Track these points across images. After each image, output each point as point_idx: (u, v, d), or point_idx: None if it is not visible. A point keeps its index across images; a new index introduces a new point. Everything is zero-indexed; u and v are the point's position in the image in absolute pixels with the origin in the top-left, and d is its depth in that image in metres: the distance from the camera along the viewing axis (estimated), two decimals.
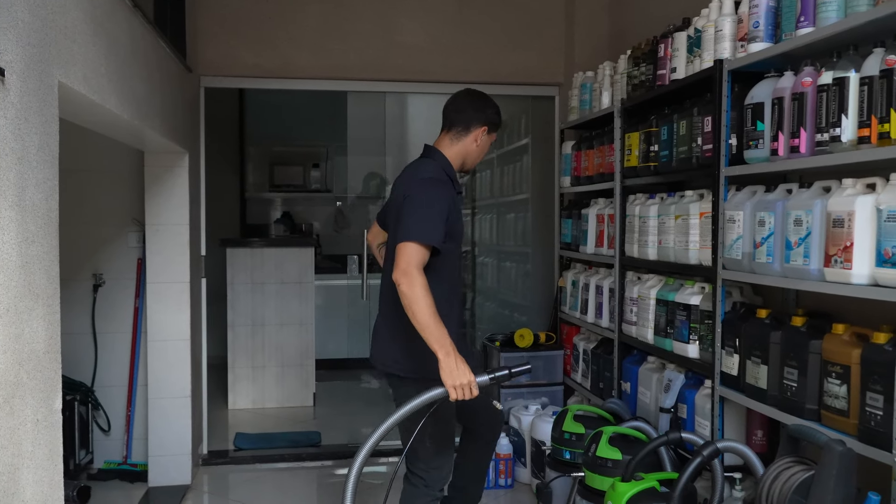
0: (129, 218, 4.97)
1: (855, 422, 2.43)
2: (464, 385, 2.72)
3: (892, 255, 2.25)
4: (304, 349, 6.73)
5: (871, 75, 2.36)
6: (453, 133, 3.20)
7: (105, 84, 2.82)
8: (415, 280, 2.75)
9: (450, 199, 2.99)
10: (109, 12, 2.91)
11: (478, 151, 3.21)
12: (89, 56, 2.63)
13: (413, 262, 2.79)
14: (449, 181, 3.09)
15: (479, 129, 3.18)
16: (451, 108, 3.25)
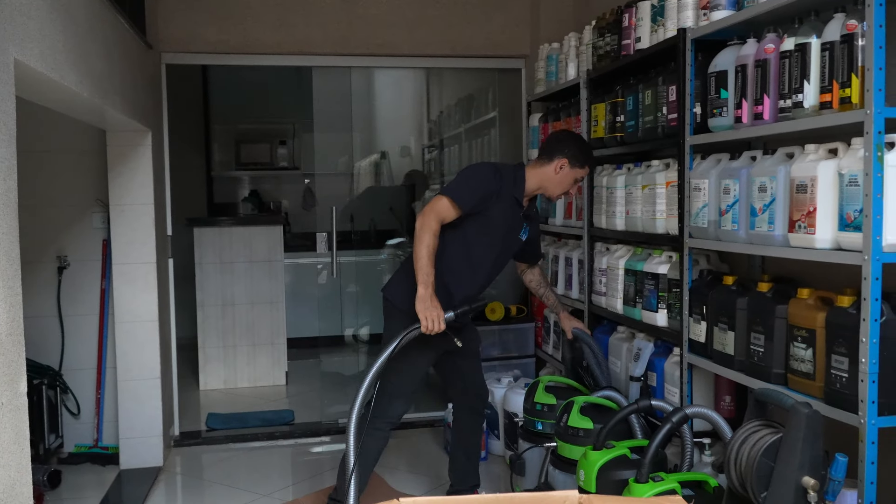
0: (92, 199, 4.90)
1: (821, 384, 2.46)
2: (433, 317, 3.19)
3: (854, 219, 2.28)
4: (275, 328, 6.71)
5: (832, 41, 2.37)
6: (541, 160, 3.57)
7: (63, 61, 2.76)
8: (427, 223, 3.27)
9: (492, 182, 3.41)
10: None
11: (558, 181, 3.52)
12: (46, 32, 2.57)
13: (434, 209, 3.30)
14: (506, 177, 3.48)
15: (560, 160, 3.49)
16: (545, 140, 3.75)
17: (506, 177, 3.48)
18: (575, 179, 3.54)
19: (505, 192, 3.45)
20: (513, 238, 3.58)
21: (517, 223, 3.56)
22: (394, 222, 8.05)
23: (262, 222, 6.97)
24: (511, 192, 3.47)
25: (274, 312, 6.70)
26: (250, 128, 8.68)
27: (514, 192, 3.48)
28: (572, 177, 3.52)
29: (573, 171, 3.51)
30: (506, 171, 3.52)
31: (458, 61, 5.67)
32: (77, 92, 2.96)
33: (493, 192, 3.42)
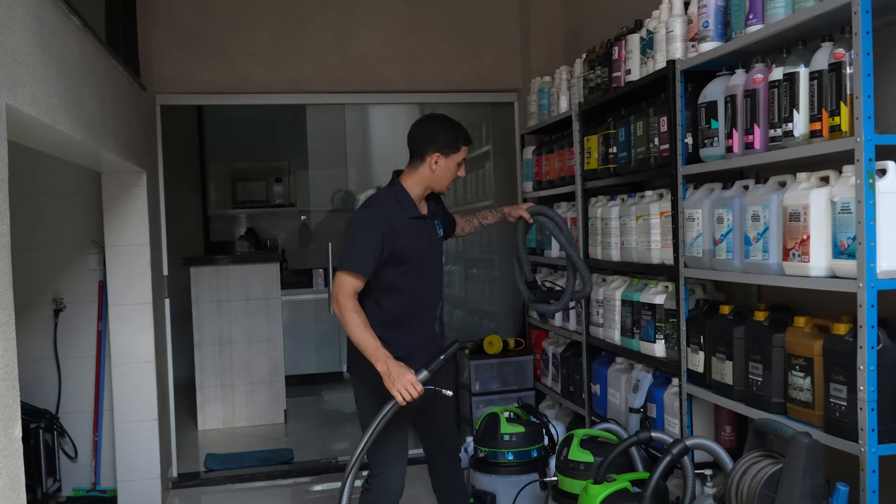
0: (88, 240, 4.90)
1: (820, 413, 2.45)
2: (406, 385, 2.99)
3: (847, 247, 2.28)
4: (273, 366, 6.68)
5: (820, 69, 2.39)
6: (413, 162, 3.34)
7: (55, 105, 2.77)
8: (342, 307, 3.09)
9: (380, 227, 3.16)
10: (58, 32, 2.87)
11: (441, 175, 3.30)
12: (38, 77, 2.59)
13: (341, 289, 3.11)
14: (389, 209, 3.25)
15: (432, 156, 3.27)
16: (408, 139, 3.39)
17: (390, 207, 3.25)
18: (457, 164, 3.31)
19: (398, 223, 3.22)
20: (433, 247, 3.40)
21: (429, 231, 3.37)
22: None
23: (259, 260, 6.98)
24: (403, 215, 3.25)
25: (272, 350, 6.67)
26: (246, 166, 8.72)
27: (408, 213, 3.26)
28: (452, 164, 3.29)
29: (450, 160, 3.28)
30: (386, 200, 3.29)
31: (451, 96, 5.71)
32: (70, 135, 2.97)
33: (387, 234, 3.17)
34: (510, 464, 3.78)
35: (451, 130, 3.31)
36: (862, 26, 2.20)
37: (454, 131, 3.31)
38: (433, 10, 5.49)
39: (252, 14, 5.24)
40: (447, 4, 5.50)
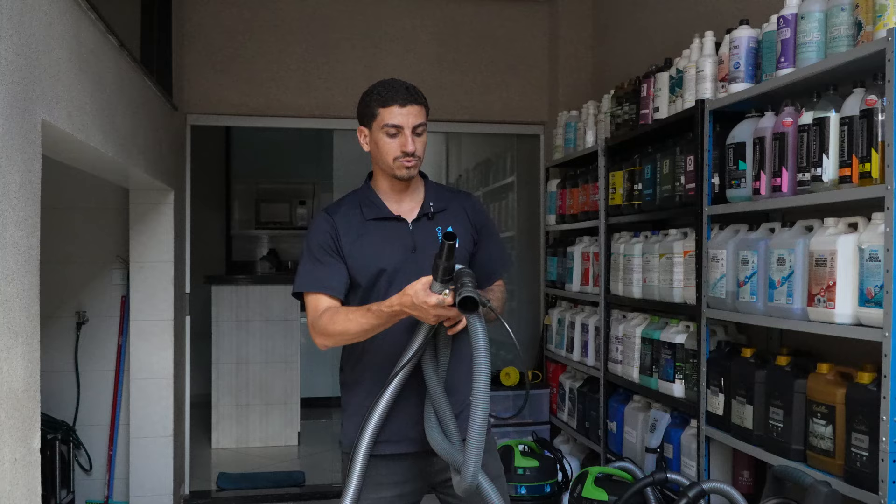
0: (113, 255, 4.95)
1: (841, 462, 2.41)
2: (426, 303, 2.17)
3: (874, 295, 2.26)
4: (289, 387, 6.68)
5: (851, 115, 2.38)
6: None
7: (89, 122, 2.82)
8: (316, 331, 2.43)
9: (320, 234, 2.47)
10: (95, 51, 2.92)
11: (378, 152, 2.45)
12: (74, 94, 2.63)
13: (310, 318, 2.46)
14: (343, 209, 2.53)
15: (360, 135, 2.52)
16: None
17: (345, 207, 2.54)
18: (387, 133, 2.41)
19: (347, 225, 2.47)
20: (406, 259, 2.43)
21: (413, 234, 2.47)
22: None
23: (279, 281, 7.00)
24: (361, 216, 2.49)
25: (288, 371, 6.68)
26: (270, 187, 8.80)
27: (369, 213, 2.49)
28: (380, 134, 2.42)
29: (374, 129, 2.44)
30: (343, 201, 2.60)
31: (477, 126, 5.74)
32: (102, 152, 3.02)
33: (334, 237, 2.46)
34: (523, 498, 3.75)
35: (365, 97, 2.48)
36: (895, 73, 2.20)
37: (367, 96, 2.48)
38: (461, 40, 5.53)
39: (283, 39, 5.31)
40: (475, 35, 5.55)
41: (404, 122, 2.40)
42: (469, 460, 2.19)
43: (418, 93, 2.46)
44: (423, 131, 2.46)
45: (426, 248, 2.39)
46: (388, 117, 2.40)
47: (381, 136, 2.43)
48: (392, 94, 2.42)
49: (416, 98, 2.43)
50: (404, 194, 2.53)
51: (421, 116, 2.43)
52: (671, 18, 4.30)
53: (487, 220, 2.62)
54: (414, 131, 2.42)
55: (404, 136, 2.40)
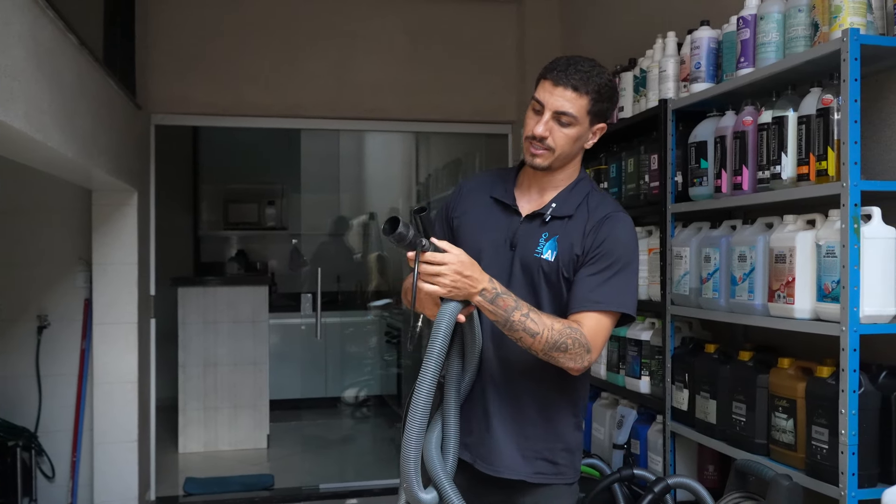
0: (75, 257, 4.88)
1: (802, 456, 2.44)
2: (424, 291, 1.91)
3: (831, 290, 2.29)
4: (258, 389, 6.63)
5: (808, 114, 2.41)
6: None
7: (48, 122, 2.78)
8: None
9: (458, 188, 2.34)
10: (53, 50, 2.88)
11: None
12: (31, 94, 2.60)
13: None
14: (487, 177, 2.35)
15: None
16: None
17: (489, 176, 2.34)
18: (532, 107, 2.13)
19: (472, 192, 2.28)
20: (505, 255, 2.15)
21: (515, 230, 2.16)
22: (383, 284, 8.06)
23: (248, 282, 6.96)
24: (488, 190, 2.25)
25: (257, 374, 6.63)
26: (239, 188, 8.73)
27: (496, 191, 2.24)
28: (529, 106, 2.15)
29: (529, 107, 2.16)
30: (501, 169, 2.38)
31: (447, 126, 5.74)
32: (62, 153, 2.98)
33: (451, 202, 2.32)
34: None
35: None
36: (850, 73, 2.23)
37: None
38: (431, 40, 5.53)
39: (250, 38, 5.27)
40: (445, 36, 5.55)
41: (547, 101, 2.07)
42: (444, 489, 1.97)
43: (585, 77, 2.07)
44: (573, 124, 2.08)
45: (524, 248, 2.13)
46: (539, 90, 2.11)
47: (529, 109, 2.14)
48: (554, 66, 2.11)
49: (574, 83, 2.06)
50: (538, 186, 2.20)
51: (573, 105, 2.06)
52: (635, 19, 4.33)
53: (605, 253, 2.08)
54: (556, 118, 2.07)
55: (542, 117, 2.08)
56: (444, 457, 2.04)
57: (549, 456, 2.16)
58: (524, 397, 2.14)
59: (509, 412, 2.14)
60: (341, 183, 7.87)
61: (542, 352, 1.96)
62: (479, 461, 2.16)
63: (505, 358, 2.13)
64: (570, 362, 1.99)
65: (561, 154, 2.11)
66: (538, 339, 1.94)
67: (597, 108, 2.10)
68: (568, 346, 1.96)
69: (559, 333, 1.96)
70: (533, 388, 2.14)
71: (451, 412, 2.07)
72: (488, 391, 2.15)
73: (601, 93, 2.10)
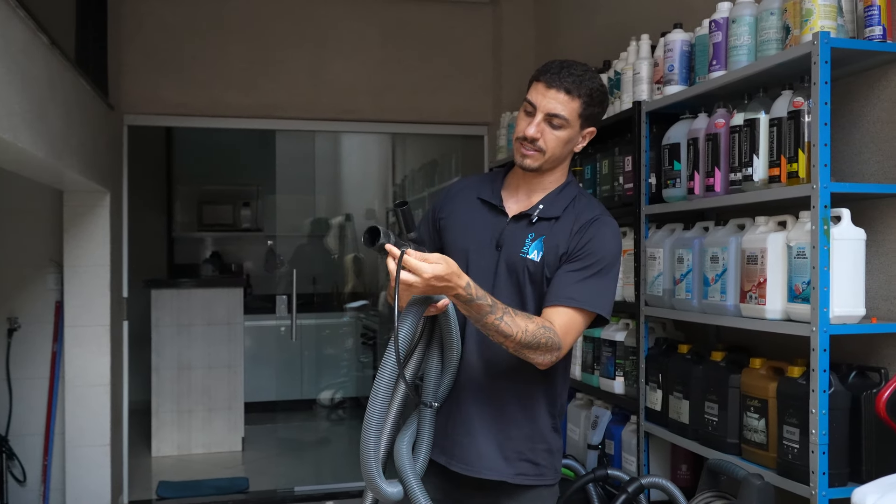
0: (47, 259, 4.83)
1: (774, 455, 2.46)
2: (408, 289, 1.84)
3: (802, 291, 2.31)
4: (233, 392, 6.59)
5: (779, 117, 2.44)
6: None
7: (18, 122, 2.75)
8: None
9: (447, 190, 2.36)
10: (25, 50, 2.85)
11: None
12: (1, 94, 2.57)
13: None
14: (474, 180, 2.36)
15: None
16: None
17: (479, 176, 2.39)
18: (524, 109, 2.16)
19: (459, 193, 2.29)
20: (491, 254, 2.16)
21: (501, 230, 2.17)
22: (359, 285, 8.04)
23: (222, 284, 6.91)
24: (475, 192, 2.26)
25: (232, 376, 6.59)
26: (213, 189, 8.67)
27: (482, 192, 2.24)
28: (521, 108, 2.19)
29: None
30: (490, 173, 2.40)
31: (422, 127, 5.74)
32: (32, 153, 2.95)
33: (438, 203, 2.33)
34: None
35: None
36: (820, 76, 2.25)
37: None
38: (407, 41, 5.53)
39: (225, 38, 5.24)
40: (421, 37, 5.55)
41: (540, 103, 2.09)
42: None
43: (578, 81, 2.09)
44: (564, 127, 2.10)
45: (510, 248, 2.14)
46: (531, 91, 2.13)
47: (521, 111, 2.16)
48: (547, 69, 2.14)
49: (566, 85, 2.08)
50: (526, 187, 2.21)
51: (565, 108, 2.08)
52: (610, 22, 4.35)
53: (589, 253, 2.10)
54: (548, 119, 2.09)
55: (534, 118, 2.10)
56: (415, 456, 2.02)
57: (531, 457, 2.16)
58: (506, 398, 2.15)
59: (491, 412, 2.14)
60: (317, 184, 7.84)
61: (513, 349, 1.98)
62: (455, 462, 2.15)
63: (488, 359, 2.13)
64: (538, 358, 2.00)
65: (551, 156, 2.13)
66: (509, 340, 1.95)
67: (588, 111, 2.12)
68: (540, 345, 1.97)
69: (532, 335, 1.96)
70: (515, 389, 2.15)
71: (427, 413, 2.06)
72: (469, 392, 2.14)
73: (593, 97, 2.12)
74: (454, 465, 2.15)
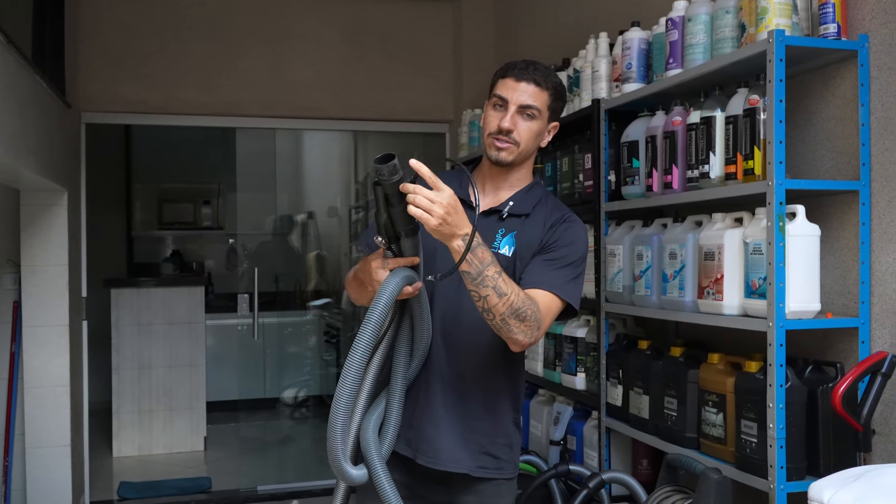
0: (3, 259, 4.75)
1: (732, 449, 2.50)
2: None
3: (758, 287, 2.35)
4: (194, 391, 6.53)
5: (735, 114, 2.47)
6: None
7: None
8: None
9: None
10: None
11: (483, 125, 2.24)
12: None
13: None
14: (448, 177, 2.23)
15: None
16: None
17: (452, 173, 2.38)
18: (493, 105, 2.19)
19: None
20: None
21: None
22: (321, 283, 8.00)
23: (183, 283, 6.85)
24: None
25: (193, 375, 6.53)
26: (173, 187, 8.58)
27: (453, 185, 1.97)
28: (488, 105, 2.21)
29: (488, 101, 2.23)
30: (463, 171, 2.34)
31: (384, 125, 5.73)
32: None
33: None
34: None
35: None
36: (776, 74, 2.29)
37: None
38: (368, 39, 5.51)
39: (183, 35, 5.19)
40: (382, 35, 5.54)
41: (511, 96, 2.13)
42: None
43: (543, 74, 2.16)
44: (536, 117, 2.14)
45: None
46: (499, 87, 2.17)
47: (488, 107, 2.20)
48: (513, 66, 2.19)
49: (535, 78, 2.14)
50: (496, 183, 2.23)
51: (536, 99, 2.13)
52: (569, 20, 4.38)
53: (562, 246, 2.15)
54: (521, 111, 2.13)
55: (506, 112, 2.13)
56: (381, 440, 2.01)
57: (491, 450, 2.19)
58: (472, 390, 2.17)
59: (455, 405, 2.16)
60: (278, 182, 7.79)
61: (501, 316, 1.93)
62: (420, 455, 2.16)
63: (455, 351, 2.15)
64: (520, 335, 1.97)
65: (524, 149, 2.17)
66: (504, 301, 1.92)
67: (554, 105, 2.19)
68: (527, 316, 1.96)
69: (522, 302, 1.95)
70: (480, 382, 2.17)
71: (396, 397, 2.05)
72: (435, 383, 2.16)
73: (557, 90, 2.19)
74: (420, 458, 2.17)
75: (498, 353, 2.14)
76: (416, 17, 5.60)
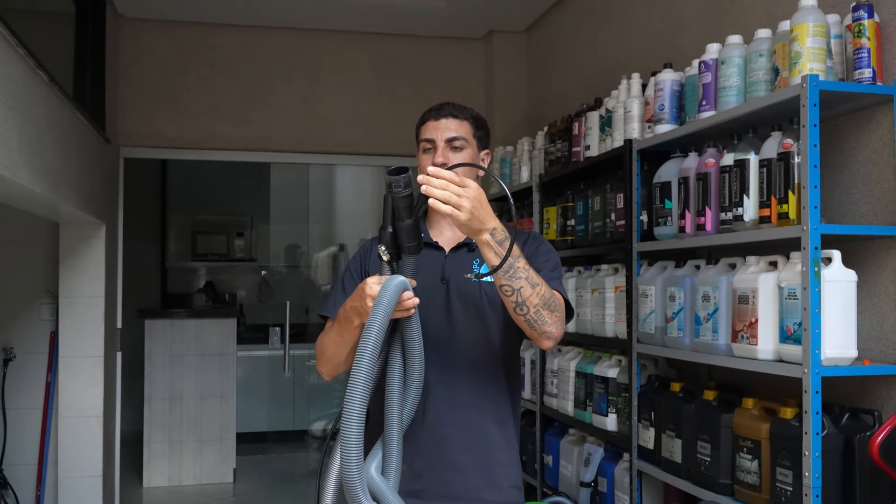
0: (42, 290, 4.84)
1: (767, 497, 2.46)
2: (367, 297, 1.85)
3: (793, 332, 2.33)
4: (225, 423, 6.55)
5: (769, 157, 2.47)
6: None
7: (16, 158, 2.77)
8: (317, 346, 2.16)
9: (356, 258, 2.31)
10: (24, 87, 2.88)
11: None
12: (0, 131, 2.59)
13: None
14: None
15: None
16: None
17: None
18: (423, 149, 2.23)
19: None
20: (438, 289, 2.12)
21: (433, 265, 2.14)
22: None
23: (216, 314, 6.89)
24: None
25: (224, 407, 6.55)
26: (207, 218, 8.68)
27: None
28: (420, 152, 2.25)
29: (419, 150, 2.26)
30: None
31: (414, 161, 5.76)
32: (29, 188, 2.96)
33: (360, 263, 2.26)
34: None
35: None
36: (809, 119, 2.28)
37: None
38: (399, 75, 5.58)
39: (219, 72, 5.29)
40: (413, 70, 5.60)
41: (436, 135, 2.19)
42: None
43: (459, 108, 2.25)
44: (465, 147, 2.18)
45: (458, 278, 2.13)
46: (423, 132, 2.24)
47: (420, 154, 2.24)
48: (429, 110, 2.27)
49: (452, 112, 2.22)
50: (447, 223, 2.20)
51: (459, 130, 2.19)
52: (600, 59, 4.41)
53: (542, 254, 2.19)
54: (449, 144, 2.17)
55: (437, 150, 2.17)
56: (386, 476, 1.82)
57: (517, 482, 2.14)
58: (484, 420, 2.09)
59: (472, 445, 2.08)
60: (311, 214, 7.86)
61: (535, 307, 1.89)
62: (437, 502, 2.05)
63: (455, 382, 2.06)
64: (552, 326, 1.94)
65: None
66: (537, 292, 1.89)
67: (479, 133, 2.25)
68: (556, 306, 1.94)
69: (550, 291, 1.93)
70: (489, 410, 2.10)
71: (394, 437, 1.84)
72: (438, 422, 2.05)
73: (477, 119, 2.26)
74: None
75: (500, 379, 2.11)
76: (448, 54, 5.66)
